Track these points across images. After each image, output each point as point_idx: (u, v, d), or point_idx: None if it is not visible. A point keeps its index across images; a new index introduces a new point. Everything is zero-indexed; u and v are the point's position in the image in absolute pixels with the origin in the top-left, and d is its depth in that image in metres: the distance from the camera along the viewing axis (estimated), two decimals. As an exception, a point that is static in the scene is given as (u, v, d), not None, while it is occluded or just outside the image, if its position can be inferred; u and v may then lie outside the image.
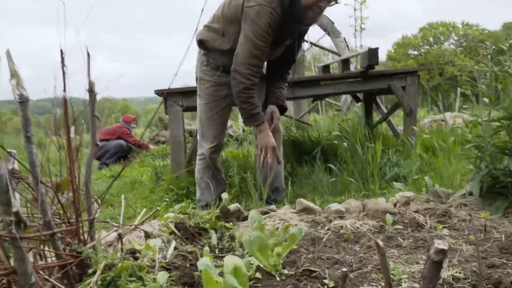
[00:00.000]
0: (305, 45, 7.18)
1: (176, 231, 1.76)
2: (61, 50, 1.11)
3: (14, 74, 1.08)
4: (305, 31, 2.40)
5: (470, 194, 1.92)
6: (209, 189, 2.47)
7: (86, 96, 1.28)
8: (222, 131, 2.44)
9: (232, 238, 1.77)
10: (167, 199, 2.79)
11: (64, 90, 1.09)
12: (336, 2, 2.15)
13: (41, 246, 1.22)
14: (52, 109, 1.34)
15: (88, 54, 1.29)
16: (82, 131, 1.41)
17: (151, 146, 6.63)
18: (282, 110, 2.41)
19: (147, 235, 1.70)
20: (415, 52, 34.03)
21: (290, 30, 2.19)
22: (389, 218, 1.71)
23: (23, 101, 1.06)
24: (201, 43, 2.30)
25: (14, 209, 0.97)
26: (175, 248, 1.61)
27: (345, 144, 2.58)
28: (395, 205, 2.04)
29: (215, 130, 2.37)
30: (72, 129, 1.33)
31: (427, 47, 33.53)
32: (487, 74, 1.94)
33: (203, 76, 2.34)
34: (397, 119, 7.44)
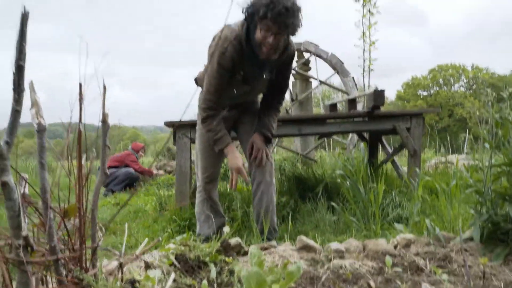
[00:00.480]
0: (314, 83, 7.33)
1: (176, 263, 1.78)
2: (80, 84, 1.19)
3: (34, 104, 1.16)
4: (286, 66, 2.35)
5: (471, 239, 1.92)
6: (208, 222, 2.49)
7: (96, 122, 1.35)
8: (216, 162, 2.48)
9: (231, 272, 1.78)
10: (169, 230, 2.81)
11: (80, 121, 1.16)
12: (287, 37, 2.14)
13: (44, 271, 1.25)
14: (66, 136, 1.41)
15: (104, 87, 1.37)
16: (93, 159, 1.48)
17: (155, 171, 6.69)
18: (268, 139, 2.41)
19: (147, 266, 1.72)
20: (425, 93, 34.33)
21: (258, 65, 2.20)
22: (388, 260, 1.71)
23: (41, 129, 1.13)
24: (196, 81, 2.45)
25: (24, 233, 1.02)
26: (174, 280, 1.62)
27: (348, 183, 2.61)
28: (395, 246, 2.04)
29: (207, 161, 2.44)
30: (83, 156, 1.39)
31: (437, 88, 33.83)
32: (489, 120, 1.98)
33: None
34: (404, 159, 7.45)
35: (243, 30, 2.13)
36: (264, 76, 2.28)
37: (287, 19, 1.96)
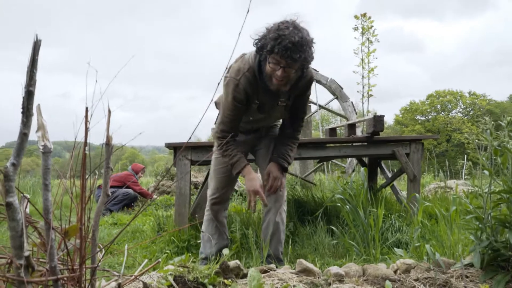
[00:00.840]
0: (313, 107, 7.41)
1: (175, 285, 1.77)
2: (86, 108, 1.22)
3: (40, 127, 1.18)
4: (303, 93, 2.34)
5: (471, 265, 1.92)
6: (210, 242, 2.49)
7: (95, 141, 1.37)
8: (227, 185, 2.49)
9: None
10: (168, 251, 2.78)
11: (85, 144, 1.18)
12: (302, 71, 2.14)
13: (43, 292, 1.24)
14: (70, 156, 1.43)
15: (109, 110, 1.40)
16: (95, 179, 1.49)
17: (155, 196, 6.67)
18: (284, 168, 2.42)
19: (146, 287, 1.71)
20: (422, 118, 34.58)
21: (273, 94, 2.22)
22: (388, 285, 1.71)
23: (46, 151, 1.15)
24: (216, 105, 2.49)
25: (25, 253, 1.02)
26: (173, 302, 1.61)
27: (348, 207, 2.61)
28: (395, 271, 2.03)
29: (218, 182, 2.47)
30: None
31: (435, 113, 34.11)
32: (487, 147, 2.01)
33: None
34: (402, 183, 7.46)
35: (256, 61, 2.16)
36: (279, 104, 2.30)
37: (294, 53, 1.95)
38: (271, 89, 2.17)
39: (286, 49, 1.94)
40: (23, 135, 1.00)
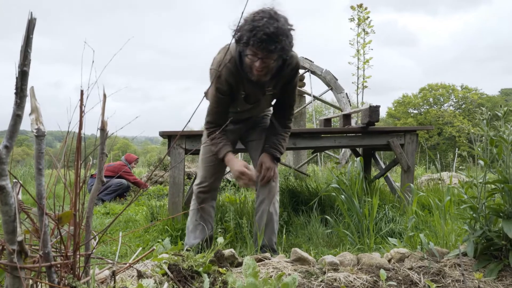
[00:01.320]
0: (308, 98, 7.40)
1: (169, 273, 1.76)
2: (82, 91, 1.19)
3: (34, 110, 1.15)
4: (290, 80, 2.28)
5: (465, 254, 1.93)
6: (194, 232, 2.48)
7: (91, 131, 1.34)
8: (215, 174, 2.47)
9: (225, 283, 1.76)
10: (161, 240, 2.77)
11: (80, 128, 1.15)
12: (283, 60, 2.11)
13: (36, 277, 1.22)
14: (63, 143, 1.40)
15: (104, 95, 1.37)
16: (89, 166, 1.46)
17: (148, 186, 6.65)
18: (276, 158, 2.40)
19: (140, 275, 1.70)
20: (415, 111, 34.77)
21: (258, 83, 2.18)
22: (383, 273, 1.71)
23: (40, 135, 1.12)
24: (205, 95, 2.47)
25: (18, 238, 1.00)
26: (168, 290, 1.60)
27: (343, 196, 2.61)
28: (389, 260, 2.04)
29: (205, 171, 2.45)
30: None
31: (427, 107, 34.32)
32: (483, 138, 2.02)
33: None
34: (395, 175, 7.51)
35: (237, 52, 2.13)
36: (266, 93, 2.28)
37: (270, 44, 1.90)
38: (249, 80, 2.15)
39: (261, 40, 1.89)
40: (16, 116, 0.97)
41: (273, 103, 2.48)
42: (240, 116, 2.47)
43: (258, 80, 2.11)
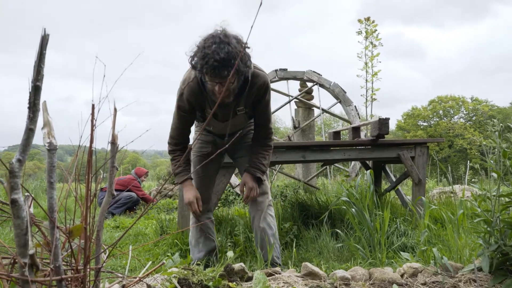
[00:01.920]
0: (316, 111, 7.40)
1: (179, 287, 1.75)
2: (93, 105, 1.20)
3: (46, 124, 1.16)
4: (260, 99, 2.24)
5: (480, 269, 1.89)
6: (197, 247, 2.48)
7: (101, 145, 1.35)
8: (205, 185, 2.49)
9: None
10: (170, 254, 2.76)
11: (91, 142, 1.16)
12: (244, 79, 2.09)
13: (47, 292, 1.22)
14: (75, 157, 1.41)
15: (115, 108, 1.39)
16: (100, 179, 1.47)
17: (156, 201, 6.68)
18: (258, 179, 2.39)
19: (150, 289, 1.68)
20: (425, 123, 34.53)
21: (224, 104, 2.16)
22: (396, 289, 1.68)
23: (52, 149, 1.13)
24: None
25: (30, 252, 1.00)
26: (177, 304, 1.59)
27: (353, 210, 2.58)
28: (402, 275, 2.00)
29: (196, 183, 2.46)
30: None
31: (437, 119, 34.06)
32: (495, 150, 1.99)
33: (195, 133, 2.53)
34: (405, 188, 7.42)
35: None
36: (238, 113, 2.26)
37: (222, 71, 1.89)
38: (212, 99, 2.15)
39: (213, 68, 1.89)
40: (29, 130, 0.98)
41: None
42: (220, 131, 2.44)
43: (222, 102, 2.10)
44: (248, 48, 2.04)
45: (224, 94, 2.03)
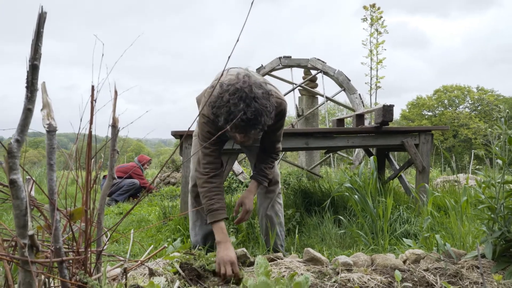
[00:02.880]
0: (320, 99, 7.35)
1: (181, 271, 1.75)
2: (92, 86, 1.19)
3: (45, 105, 1.15)
4: (275, 124, 2.15)
5: (483, 256, 1.88)
6: (194, 229, 2.47)
7: (104, 134, 1.34)
8: None
9: (237, 282, 1.74)
10: (173, 239, 2.77)
11: (91, 122, 1.15)
12: (255, 129, 1.92)
13: (48, 273, 1.22)
14: (75, 141, 1.40)
15: (116, 91, 1.37)
16: (101, 162, 1.46)
17: (154, 187, 6.69)
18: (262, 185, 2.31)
19: (152, 273, 1.69)
20: (429, 113, 34.31)
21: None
22: (398, 274, 1.67)
23: (51, 130, 1.12)
24: (197, 102, 2.44)
25: (29, 233, 1.00)
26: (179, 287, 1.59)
27: (356, 196, 2.57)
28: (404, 262, 2.00)
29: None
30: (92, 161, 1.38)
31: (442, 108, 33.82)
32: (501, 136, 1.96)
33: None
34: (409, 177, 7.39)
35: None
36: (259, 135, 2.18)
37: (248, 128, 1.83)
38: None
39: (239, 126, 1.83)
40: (27, 110, 0.96)
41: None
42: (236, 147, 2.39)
43: (241, 145, 2.05)
44: (272, 96, 1.93)
45: (245, 142, 1.98)
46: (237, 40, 1.11)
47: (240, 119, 1.79)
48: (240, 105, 1.80)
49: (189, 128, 1.35)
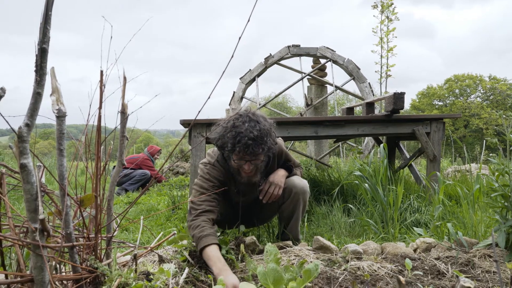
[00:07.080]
0: (329, 88, 7.29)
1: (190, 259, 1.75)
2: (101, 71, 1.18)
3: (54, 90, 1.15)
4: (278, 162, 2.20)
5: (496, 245, 1.85)
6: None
7: (113, 125, 1.33)
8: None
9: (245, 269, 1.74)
10: (182, 227, 2.78)
11: (100, 107, 1.14)
12: (264, 160, 2.01)
13: (58, 258, 1.23)
14: (84, 130, 1.40)
15: (125, 77, 1.36)
16: (110, 149, 1.46)
17: (165, 179, 6.71)
18: (289, 170, 2.26)
19: (161, 260, 1.70)
20: (440, 103, 33.88)
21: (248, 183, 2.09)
22: (408, 263, 1.66)
23: (61, 115, 1.11)
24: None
25: (40, 217, 1.00)
26: (188, 275, 1.60)
27: (366, 185, 2.54)
28: (415, 250, 1.98)
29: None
30: (101, 148, 1.38)
31: (453, 98, 33.37)
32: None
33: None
34: (419, 167, 7.33)
35: (220, 157, 2.09)
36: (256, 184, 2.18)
37: (256, 148, 1.88)
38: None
39: (247, 146, 1.87)
40: (37, 94, 0.96)
41: None
42: (238, 202, 2.28)
43: (248, 181, 2.05)
44: (273, 124, 2.03)
45: (251, 173, 2.00)
46: (240, 36, 1.09)
47: (247, 138, 1.86)
48: (245, 125, 1.90)
49: (196, 117, 1.34)
